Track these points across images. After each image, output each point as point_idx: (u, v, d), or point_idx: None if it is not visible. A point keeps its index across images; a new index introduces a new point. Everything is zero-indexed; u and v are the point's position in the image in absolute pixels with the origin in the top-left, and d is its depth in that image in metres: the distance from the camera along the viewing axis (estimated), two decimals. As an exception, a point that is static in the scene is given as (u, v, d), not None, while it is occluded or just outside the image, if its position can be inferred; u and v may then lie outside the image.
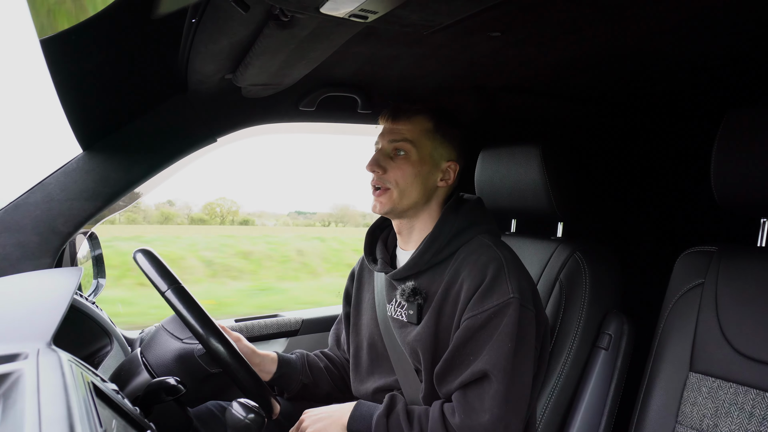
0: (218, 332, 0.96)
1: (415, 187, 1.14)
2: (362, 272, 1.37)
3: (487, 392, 0.98)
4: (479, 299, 1.03)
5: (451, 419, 1.00)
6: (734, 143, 1.07)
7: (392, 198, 1.14)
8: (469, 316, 1.03)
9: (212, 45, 0.99)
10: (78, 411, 0.49)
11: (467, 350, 1.02)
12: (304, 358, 1.34)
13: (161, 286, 0.99)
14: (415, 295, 1.12)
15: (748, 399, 1.00)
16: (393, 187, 1.14)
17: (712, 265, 1.14)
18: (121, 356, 1.34)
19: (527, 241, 1.51)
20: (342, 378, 1.37)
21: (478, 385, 1.00)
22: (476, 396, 0.99)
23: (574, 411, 1.29)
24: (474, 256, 1.09)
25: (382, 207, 1.15)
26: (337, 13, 0.79)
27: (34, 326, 0.71)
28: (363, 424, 1.07)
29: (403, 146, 1.14)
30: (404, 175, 1.13)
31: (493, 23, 1.00)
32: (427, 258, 1.13)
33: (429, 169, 1.16)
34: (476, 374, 0.99)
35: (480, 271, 1.05)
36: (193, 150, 1.40)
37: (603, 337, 1.30)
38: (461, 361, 1.02)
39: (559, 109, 1.75)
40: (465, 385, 1.01)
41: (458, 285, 1.07)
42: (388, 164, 1.15)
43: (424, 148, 1.15)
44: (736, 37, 1.10)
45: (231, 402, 0.91)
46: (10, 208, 1.23)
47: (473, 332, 1.02)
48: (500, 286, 1.03)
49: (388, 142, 1.16)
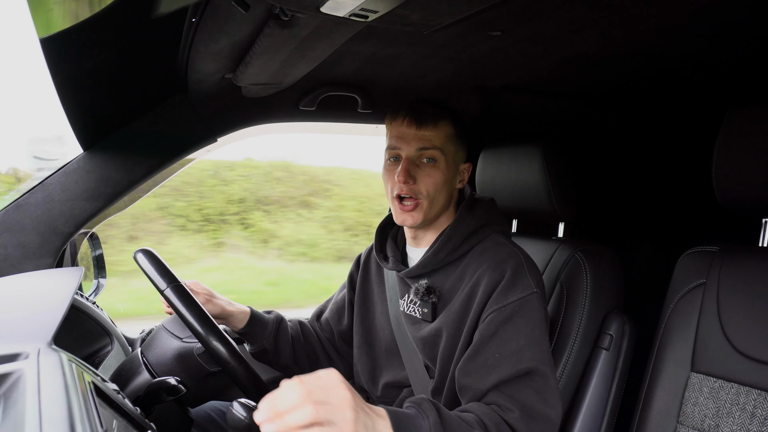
0: (217, 331, 0.96)
1: (443, 195, 1.13)
2: (369, 262, 1.37)
3: (537, 385, 0.96)
4: (502, 293, 1.02)
5: (507, 414, 0.94)
6: (735, 142, 1.07)
7: (423, 210, 1.11)
8: (493, 310, 1.02)
9: (212, 44, 0.98)
10: (78, 411, 0.49)
11: (493, 345, 1.00)
12: (276, 324, 1.32)
13: (160, 284, 0.99)
14: (430, 293, 1.12)
15: (749, 399, 1.00)
16: (424, 198, 1.11)
17: (713, 265, 1.14)
18: (121, 356, 1.35)
19: (528, 241, 1.51)
20: (307, 353, 1.36)
21: (524, 380, 0.97)
22: (526, 391, 0.96)
23: (575, 411, 1.29)
24: (490, 253, 1.09)
25: (415, 221, 1.12)
26: (337, 13, 0.79)
27: (34, 326, 0.71)
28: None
29: (433, 154, 1.11)
30: (435, 183, 1.11)
31: (493, 22, 1.00)
32: (441, 257, 1.13)
33: (453, 174, 1.15)
34: (520, 371, 0.96)
35: (499, 266, 1.05)
36: (193, 150, 1.40)
37: (604, 337, 1.30)
38: (489, 355, 0.99)
39: (560, 109, 1.75)
40: (506, 381, 0.97)
41: (474, 281, 1.07)
42: (417, 173, 1.11)
43: (449, 154, 1.13)
44: (736, 36, 1.10)
45: (231, 402, 0.91)
46: (11, 208, 1.23)
47: (498, 325, 1.00)
48: (522, 280, 1.03)
49: (416, 150, 1.11)
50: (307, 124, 1.60)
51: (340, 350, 1.41)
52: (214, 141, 1.42)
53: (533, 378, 0.97)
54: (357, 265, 1.40)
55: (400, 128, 1.13)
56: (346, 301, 1.39)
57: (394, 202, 1.14)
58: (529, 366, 0.97)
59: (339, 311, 1.41)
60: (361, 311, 1.33)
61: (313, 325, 1.43)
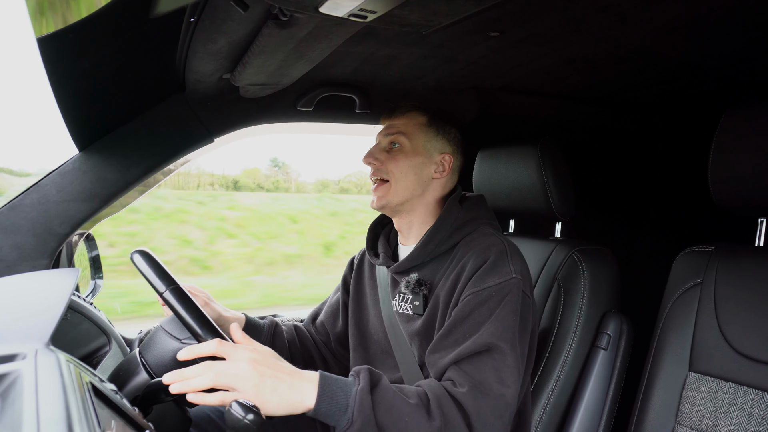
0: (217, 332, 0.96)
1: (408, 177, 1.17)
2: (362, 263, 1.37)
3: (496, 363, 0.94)
4: (480, 277, 1.03)
5: (456, 389, 0.92)
6: (732, 143, 1.07)
7: (390, 190, 1.17)
8: (470, 293, 1.02)
9: (210, 44, 0.98)
10: (76, 411, 0.49)
11: (465, 326, 0.99)
12: (271, 329, 1.33)
13: (159, 286, 0.99)
14: (420, 285, 1.13)
15: (747, 399, 1.00)
16: (391, 178, 1.17)
17: (710, 264, 1.14)
18: (119, 356, 1.34)
19: (525, 241, 1.51)
20: (303, 357, 1.37)
21: (482, 357, 0.95)
22: (483, 367, 0.94)
23: (573, 411, 1.29)
24: (476, 242, 1.10)
25: (379, 201, 1.18)
26: (336, 13, 0.79)
27: (31, 327, 0.71)
28: (336, 403, 0.85)
29: (397, 138, 1.19)
30: (398, 165, 1.17)
31: (492, 23, 1.01)
32: (429, 249, 1.14)
33: (422, 160, 1.18)
34: (480, 346, 0.95)
35: (482, 252, 1.06)
36: (190, 150, 1.40)
37: (602, 337, 1.30)
38: (459, 336, 0.99)
39: (557, 110, 1.75)
40: (465, 357, 0.95)
41: (460, 268, 1.08)
42: (382, 156, 1.19)
43: (416, 140, 1.19)
44: (733, 37, 1.10)
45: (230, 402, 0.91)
46: (6, 209, 1.22)
47: (472, 308, 1.00)
48: (503, 266, 1.03)
49: (384, 136, 1.21)
50: (305, 125, 1.60)
51: (336, 353, 1.41)
52: (212, 141, 1.42)
53: (492, 355, 0.94)
54: (350, 268, 1.40)
55: (382, 124, 1.25)
56: (340, 304, 1.39)
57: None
58: (489, 341, 0.94)
59: (333, 314, 1.41)
60: (355, 314, 1.33)
61: (308, 328, 1.43)
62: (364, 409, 0.84)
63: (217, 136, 1.43)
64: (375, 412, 0.84)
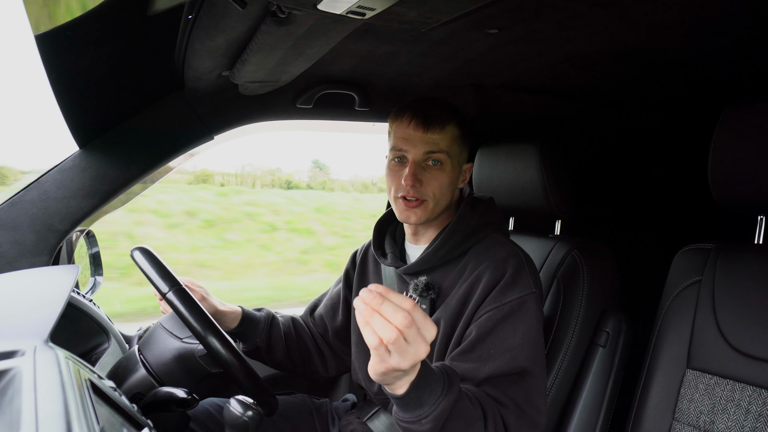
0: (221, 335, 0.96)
1: (447, 195, 1.15)
2: (366, 258, 1.37)
3: (528, 386, 0.97)
4: (501, 291, 1.03)
5: (500, 407, 0.95)
6: (731, 140, 1.07)
7: (428, 209, 1.12)
8: (491, 308, 1.02)
9: (209, 42, 0.98)
10: (75, 408, 0.49)
11: (489, 341, 1.00)
12: (268, 321, 1.32)
13: (162, 287, 0.99)
14: (429, 290, 1.13)
15: (744, 396, 1.00)
16: (430, 199, 1.12)
17: (709, 262, 1.14)
18: (118, 353, 1.34)
19: (525, 239, 1.51)
20: (299, 350, 1.37)
21: (516, 379, 0.97)
22: (518, 390, 0.97)
23: (571, 408, 1.29)
24: (491, 252, 1.10)
25: (418, 219, 1.13)
26: (334, 10, 0.79)
27: (31, 323, 0.71)
28: (419, 398, 0.80)
29: (440, 157, 1.11)
30: (441, 186, 1.12)
31: (490, 20, 1.00)
32: (441, 254, 1.13)
33: (457, 175, 1.17)
34: (514, 369, 0.97)
35: (500, 264, 1.06)
36: (189, 147, 1.40)
37: (601, 335, 1.31)
38: (484, 352, 1.00)
39: (556, 107, 1.75)
40: (498, 376, 0.97)
41: (474, 278, 1.08)
42: (423, 176, 1.11)
43: (455, 157, 1.14)
44: (732, 34, 1.10)
45: (228, 399, 0.91)
46: (7, 205, 1.23)
47: (495, 323, 1.01)
48: (522, 279, 1.04)
49: (423, 153, 1.11)
50: (304, 122, 1.59)
51: (333, 346, 1.41)
52: (211, 138, 1.42)
53: (525, 378, 0.98)
54: (353, 262, 1.40)
55: (407, 130, 1.11)
56: (341, 298, 1.39)
57: (397, 201, 1.14)
58: (524, 365, 0.97)
59: (334, 307, 1.40)
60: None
61: (305, 320, 1.43)
62: (439, 418, 0.80)
63: (216, 134, 1.43)
64: (447, 419, 0.81)
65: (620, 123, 1.96)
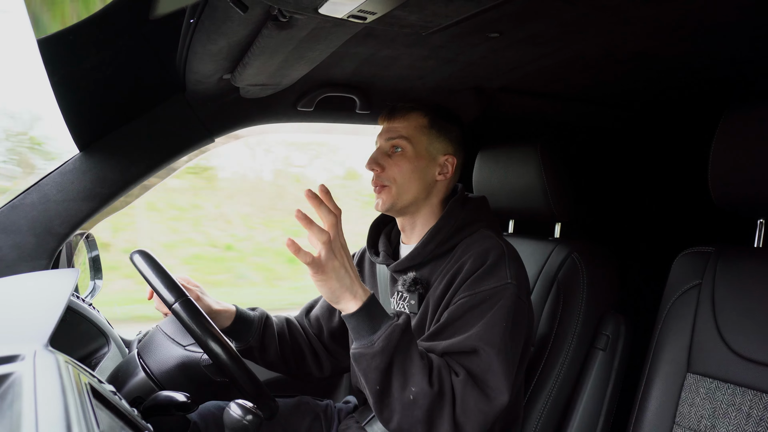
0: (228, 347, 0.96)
1: (413, 182, 1.16)
2: (363, 261, 1.38)
3: (481, 365, 0.97)
4: (476, 280, 1.04)
5: (452, 373, 0.96)
6: (731, 143, 1.07)
7: (391, 194, 1.16)
8: (464, 296, 1.03)
9: (210, 45, 0.98)
10: (75, 412, 0.49)
11: (455, 326, 1.01)
12: (262, 321, 1.32)
13: (168, 298, 0.98)
14: (416, 284, 1.14)
15: (745, 400, 1.00)
16: (391, 183, 1.16)
17: (709, 265, 1.14)
18: (118, 358, 1.34)
19: (525, 242, 1.51)
20: (293, 350, 1.36)
21: (469, 357, 0.98)
22: (470, 366, 0.97)
23: (571, 412, 1.29)
24: (476, 245, 1.11)
25: (383, 204, 1.17)
26: (335, 14, 0.79)
27: (30, 328, 0.71)
28: (370, 322, 0.92)
29: (399, 143, 1.17)
30: (401, 171, 1.16)
31: (491, 24, 1.00)
32: (429, 249, 1.14)
33: (426, 164, 1.18)
34: (465, 348, 0.98)
35: (481, 255, 1.07)
36: (190, 150, 1.40)
37: (600, 338, 1.30)
38: (448, 335, 1.01)
39: (557, 110, 1.75)
40: (453, 353, 0.99)
41: (456, 269, 1.08)
42: (385, 162, 1.17)
43: (419, 143, 1.17)
44: (732, 37, 1.10)
45: (228, 403, 0.91)
46: (7, 209, 1.22)
47: (465, 310, 1.01)
48: (499, 271, 1.04)
49: (386, 140, 1.19)
50: (305, 125, 1.60)
51: (329, 347, 1.40)
52: (212, 141, 1.42)
53: (479, 356, 0.97)
54: None
55: (381, 125, 1.23)
56: None
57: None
58: (474, 345, 0.97)
59: (330, 308, 1.40)
60: None
61: (300, 320, 1.43)
62: (389, 342, 0.90)
63: (217, 136, 1.43)
64: (395, 349, 0.90)
65: (621, 126, 1.96)
